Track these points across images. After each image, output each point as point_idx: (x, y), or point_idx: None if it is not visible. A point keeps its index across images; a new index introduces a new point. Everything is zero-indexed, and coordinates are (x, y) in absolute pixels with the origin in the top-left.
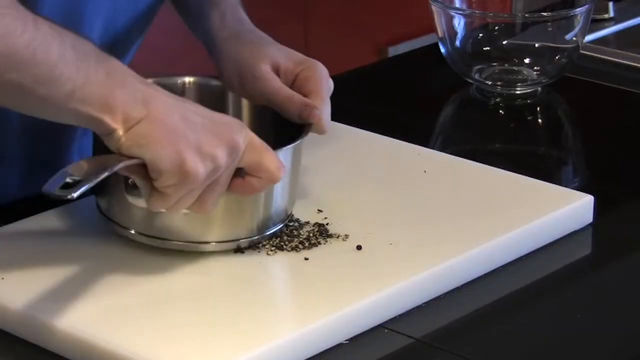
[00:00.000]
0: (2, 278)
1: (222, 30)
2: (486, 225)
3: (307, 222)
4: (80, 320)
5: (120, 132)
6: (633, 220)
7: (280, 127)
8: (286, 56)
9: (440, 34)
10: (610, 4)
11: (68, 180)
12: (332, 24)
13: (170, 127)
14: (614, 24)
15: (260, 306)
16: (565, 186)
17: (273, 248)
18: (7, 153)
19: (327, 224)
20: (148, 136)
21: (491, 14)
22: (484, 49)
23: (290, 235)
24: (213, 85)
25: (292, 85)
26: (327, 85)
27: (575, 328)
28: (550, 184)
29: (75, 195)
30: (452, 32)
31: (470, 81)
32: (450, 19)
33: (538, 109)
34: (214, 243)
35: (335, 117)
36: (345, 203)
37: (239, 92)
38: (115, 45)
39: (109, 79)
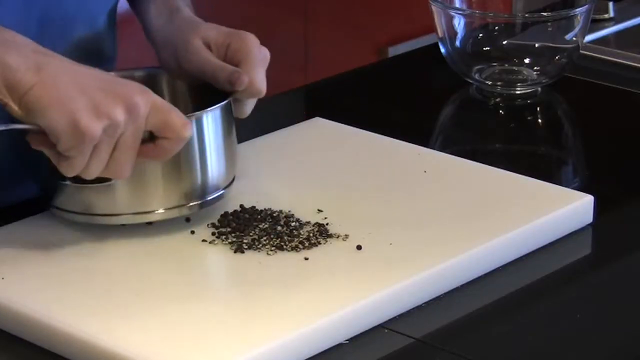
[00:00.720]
0: (2, 278)
1: (157, 19)
2: (486, 225)
3: (307, 222)
4: (80, 320)
5: (12, 103)
6: (633, 220)
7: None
8: (216, 30)
9: (440, 34)
10: (610, 4)
11: None
12: (332, 24)
13: (63, 90)
14: (614, 24)
15: (259, 306)
16: (565, 186)
17: (273, 248)
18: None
19: (327, 224)
20: (40, 102)
21: (491, 14)
22: (484, 49)
23: (290, 235)
24: (137, 76)
25: (224, 57)
26: (258, 52)
27: (575, 328)
28: (550, 184)
29: None
30: (452, 32)
31: (470, 81)
32: (450, 19)
33: (538, 109)
34: (161, 210)
35: (335, 117)
36: (345, 203)
37: (177, 73)
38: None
39: (1, 46)
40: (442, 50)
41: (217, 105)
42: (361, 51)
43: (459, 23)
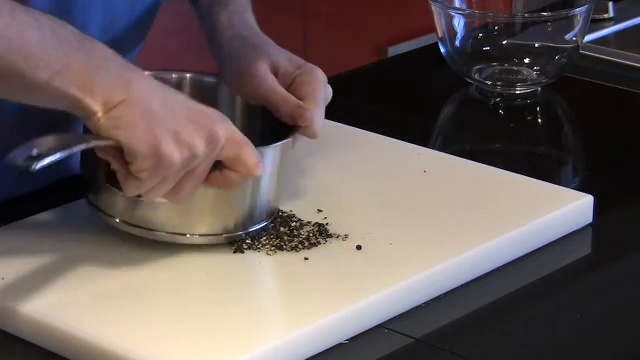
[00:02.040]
0: (2, 278)
1: (228, 30)
2: (486, 225)
3: (307, 222)
4: (80, 320)
5: (100, 114)
6: (633, 220)
7: (272, 129)
8: (286, 58)
9: (440, 34)
10: (610, 4)
11: (34, 153)
12: (332, 24)
13: (149, 111)
14: (614, 24)
15: (260, 306)
16: (565, 186)
17: (273, 248)
18: (3, 147)
19: (327, 224)
20: (125, 119)
21: (491, 14)
22: (484, 49)
23: (290, 235)
24: (206, 82)
25: (289, 88)
26: (324, 91)
27: (575, 328)
28: (550, 184)
29: (36, 167)
30: (452, 32)
31: (470, 81)
32: (450, 19)
33: (538, 109)
34: (196, 236)
35: (335, 117)
36: (345, 203)
37: (236, 90)
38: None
39: (90, 62)
40: (442, 50)
41: (281, 142)
42: (361, 51)
43: (459, 23)
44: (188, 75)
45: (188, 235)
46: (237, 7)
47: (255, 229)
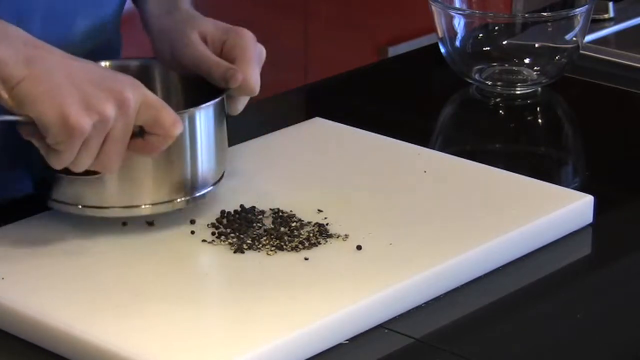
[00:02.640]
0: (2, 278)
1: (156, 9)
2: (486, 225)
3: (307, 222)
4: (80, 320)
5: (3, 93)
6: (633, 220)
7: (211, 99)
8: (213, 25)
9: (440, 34)
10: (610, 4)
11: None
12: (332, 24)
13: (53, 84)
14: (614, 24)
15: (259, 306)
16: (565, 186)
17: (273, 248)
18: None
19: (327, 224)
20: (30, 95)
21: (491, 14)
22: (484, 49)
23: (290, 235)
24: (132, 66)
25: (220, 53)
26: (254, 50)
27: (575, 328)
28: (550, 184)
29: None
30: (452, 32)
31: (470, 81)
32: (450, 19)
33: (538, 109)
34: (149, 205)
35: (335, 117)
36: (345, 203)
37: (171, 64)
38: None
39: None
40: (442, 50)
41: (209, 103)
42: (361, 51)
43: (459, 23)
44: (108, 63)
45: (137, 207)
46: None
47: (201, 193)
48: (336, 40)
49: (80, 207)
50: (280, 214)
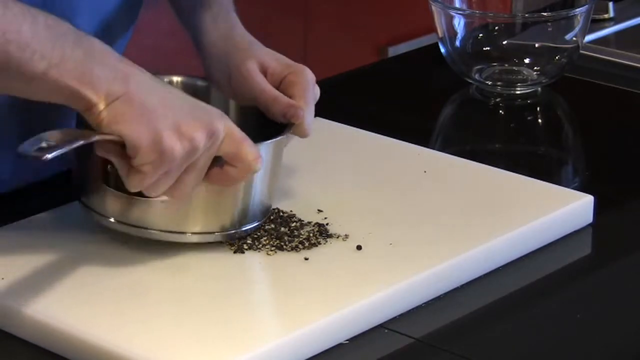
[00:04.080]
0: (2, 278)
1: (213, 31)
2: (486, 225)
3: (307, 222)
4: (81, 320)
5: (101, 106)
6: (633, 220)
7: (265, 129)
8: (274, 58)
9: (440, 34)
10: (610, 4)
11: (43, 144)
12: (332, 24)
13: (150, 105)
14: (614, 24)
15: (260, 306)
16: (565, 186)
17: (273, 248)
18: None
19: (327, 224)
20: (127, 113)
21: (491, 14)
22: (484, 49)
23: (290, 235)
24: (199, 85)
25: (278, 87)
26: (313, 91)
27: (575, 328)
28: (550, 184)
29: (49, 156)
30: (452, 32)
31: (470, 81)
32: (450, 19)
33: (538, 109)
34: (190, 234)
35: (335, 117)
36: (345, 203)
37: (226, 91)
38: (104, 34)
39: (88, 56)
40: (442, 50)
41: (275, 139)
42: (361, 51)
43: (459, 23)
44: (179, 79)
45: (182, 234)
46: (221, 8)
47: (249, 227)
48: (336, 40)
49: (122, 223)
50: (280, 214)
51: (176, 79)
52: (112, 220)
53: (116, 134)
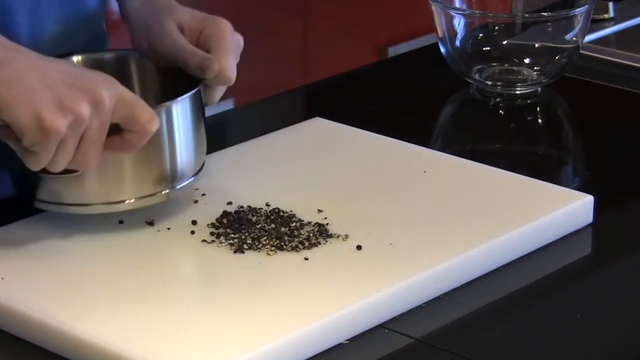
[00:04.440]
0: (2, 278)
1: (137, 1)
2: (486, 225)
3: (307, 222)
4: (81, 320)
5: None
6: (633, 220)
7: (189, 89)
8: (190, 15)
9: (440, 34)
10: (610, 4)
11: None
12: (332, 24)
13: (26, 86)
14: (614, 24)
15: (260, 306)
16: (565, 186)
17: (273, 248)
18: None
19: (327, 224)
20: (3, 98)
21: (491, 14)
22: (484, 49)
23: (290, 235)
24: (106, 59)
25: (197, 42)
26: (230, 39)
27: (575, 328)
28: (550, 184)
29: None
30: (452, 32)
31: (470, 81)
32: (450, 19)
33: (538, 109)
34: (131, 200)
35: (335, 117)
36: (345, 203)
37: (149, 55)
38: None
39: None
40: (442, 50)
41: (185, 95)
42: (361, 51)
43: (459, 23)
44: (80, 57)
45: (122, 202)
46: None
47: (182, 184)
48: (336, 40)
49: (61, 205)
50: (281, 214)
51: (77, 57)
52: (56, 203)
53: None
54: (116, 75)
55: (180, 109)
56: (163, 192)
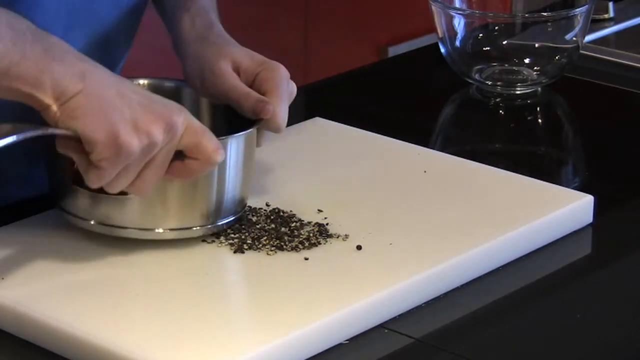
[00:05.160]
0: (2, 278)
1: (190, 32)
2: (486, 225)
3: (308, 222)
4: (80, 320)
5: (54, 107)
6: (633, 220)
7: (237, 128)
8: (247, 56)
9: (440, 34)
10: (610, 4)
11: None
12: (332, 24)
13: (106, 100)
14: (614, 24)
15: (260, 306)
16: (565, 186)
17: (273, 248)
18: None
19: (327, 224)
20: (82, 108)
21: (491, 14)
22: (484, 49)
23: (290, 235)
24: (166, 86)
25: (252, 85)
26: (287, 87)
27: (575, 328)
28: (550, 184)
29: None
30: (452, 32)
31: (470, 81)
32: (450, 19)
33: (538, 109)
34: (168, 230)
35: (335, 117)
36: (345, 203)
37: (200, 91)
38: (105, 51)
39: (46, 54)
40: (442, 50)
41: (243, 132)
42: (361, 51)
43: (459, 23)
44: (147, 82)
45: (157, 230)
46: (199, 9)
47: (224, 222)
48: (336, 40)
49: (98, 224)
50: (281, 214)
51: (145, 81)
52: (88, 222)
53: (72, 129)
54: None
55: (235, 145)
56: (202, 227)
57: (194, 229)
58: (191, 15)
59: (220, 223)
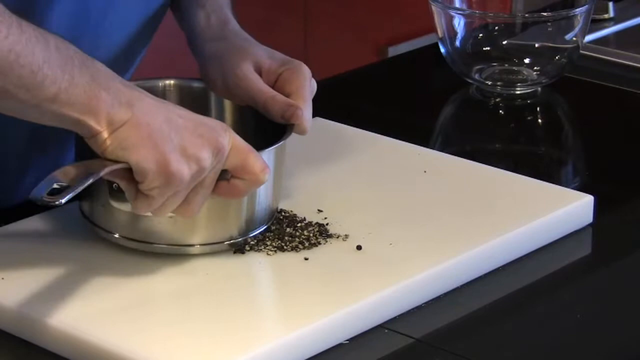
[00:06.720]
0: (2, 278)
1: (207, 30)
2: (486, 225)
3: (308, 222)
4: (80, 320)
5: (105, 134)
6: (633, 220)
7: (262, 128)
8: (269, 56)
9: (440, 34)
10: (610, 4)
11: (55, 186)
12: (332, 24)
13: (154, 129)
14: (614, 24)
15: (260, 306)
16: (565, 186)
17: (273, 248)
18: (9, 153)
19: (327, 224)
20: (132, 138)
21: (491, 14)
22: (484, 49)
23: (290, 235)
24: (195, 87)
25: (274, 85)
26: (310, 86)
27: (575, 328)
28: (550, 184)
29: (62, 201)
30: (452, 32)
31: (470, 81)
32: (450, 19)
33: (538, 109)
34: (198, 246)
35: (335, 117)
36: (345, 203)
37: (221, 92)
38: (129, 48)
39: (94, 81)
40: (442, 50)
41: (279, 143)
42: (361, 51)
43: (459, 23)
44: (174, 82)
45: (189, 246)
46: (214, 5)
47: (256, 233)
48: (336, 40)
49: (122, 237)
50: (283, 213)
51: (171, 82)
52: (116, 235)
53: (123, 160)
54: (197, 105)
55: (266, 157)
56: (234, 241)
57: (225, 243)
58: (206, 12)
59: (251, 235)
